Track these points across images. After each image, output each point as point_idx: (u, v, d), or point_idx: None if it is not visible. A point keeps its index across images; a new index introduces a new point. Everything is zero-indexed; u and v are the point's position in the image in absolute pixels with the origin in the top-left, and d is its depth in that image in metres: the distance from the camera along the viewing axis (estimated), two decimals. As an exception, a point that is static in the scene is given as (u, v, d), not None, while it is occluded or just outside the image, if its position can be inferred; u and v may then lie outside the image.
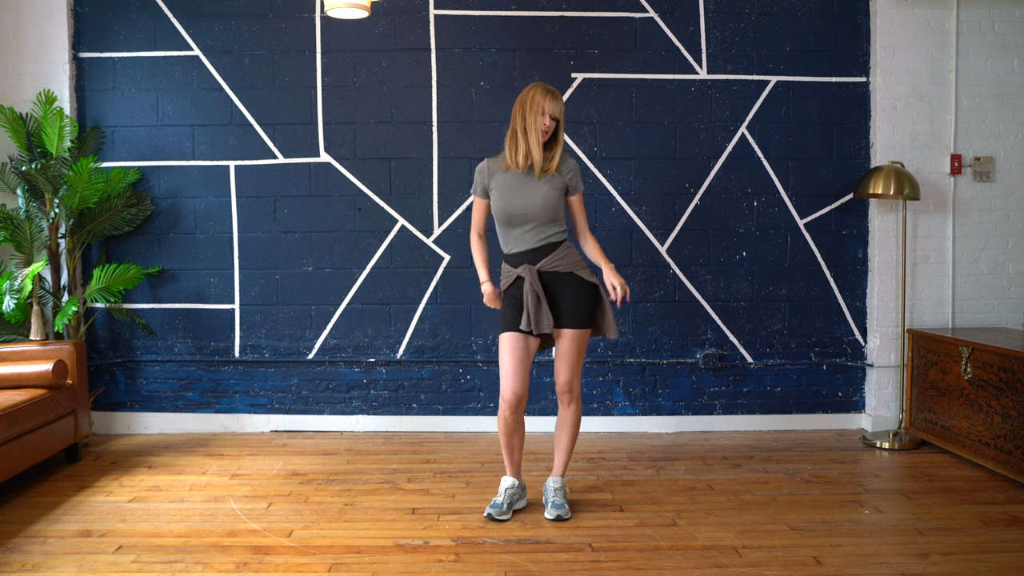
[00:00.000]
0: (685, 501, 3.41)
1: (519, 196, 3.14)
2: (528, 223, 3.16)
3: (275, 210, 4.54)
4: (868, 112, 4.53)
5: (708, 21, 4.50)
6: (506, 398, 3.15)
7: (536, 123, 3.10)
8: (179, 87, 4.49)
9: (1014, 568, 2.74)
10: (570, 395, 3.23)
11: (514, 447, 3.26)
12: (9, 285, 4.06)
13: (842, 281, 4.59)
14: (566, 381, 3.20)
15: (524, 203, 3.14)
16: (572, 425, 3.28)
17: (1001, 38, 4.49)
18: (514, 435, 3.23)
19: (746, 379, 4.60)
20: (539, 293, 3.10)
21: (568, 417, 3.27)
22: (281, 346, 4.57)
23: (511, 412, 3.17)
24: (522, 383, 3.14)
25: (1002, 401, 3.65)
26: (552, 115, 3.11)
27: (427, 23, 4.49)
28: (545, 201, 3.14)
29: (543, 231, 3.17)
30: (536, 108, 3.10)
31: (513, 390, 3.13)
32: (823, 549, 2.90)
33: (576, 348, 3.18)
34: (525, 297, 3.11)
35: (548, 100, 3.11)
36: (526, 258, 3.17)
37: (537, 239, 3.17)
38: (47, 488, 3.61)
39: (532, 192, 3.14)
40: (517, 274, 3.17)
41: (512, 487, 3.27)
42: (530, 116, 3.11)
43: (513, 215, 3.16)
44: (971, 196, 4.53)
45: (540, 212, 3.14)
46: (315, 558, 2.84)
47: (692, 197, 4.54)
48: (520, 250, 3.18)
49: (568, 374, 3.19)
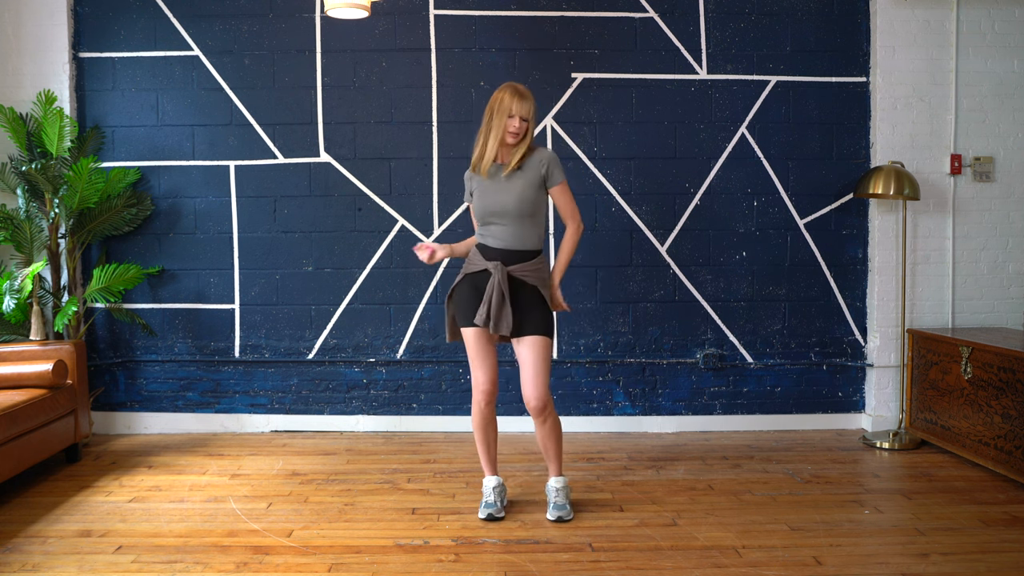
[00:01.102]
0: (685, 501, 3.41)
1: (492, 194, 3.12)
2: (503, 221, 3.12)
3: (275, 210, 4.54)
4: (868, 112, 4.53)
5: (708, 21, 4.50)
6: (484, 390, 3.17)
7: (503, 125, 3.08)
8: (179, 87, 4.49)
9: (1014, 568, 2.74)
10: (543, 412, 3.14)
11: (490, 442, 3.28)
12: (9, 285, 4.06)
13: (842, 281, 4.59)
14: (537, 397, 3.10)
15: (497, 200, 3.11)
16: (553, 437, 3.22)
17: (1001, 38, 4.49)
18: (490, 428, 3.26)
19: (746, 379, 4.60)
20: (505, 293, 3.07)
21: (547, 431, 3.20)
22: (281, 346, 4.57)
23: (487, 403, 3.20)
24: (495, 373, 3.21)
25: (1002, 401, 3.65)
26: (522, 116, 3.07)
27: (427, 23, 4.49)
28: (520, 198, 3.10)
29: (519, 231, 3.13)
30: (504, 111, 3.07)
31: (490, 380, 3.17)
32: (823, 549, 2.90)
33: (541, 357, 3.11)
34: (488, 293, 3.08)
35: (516, 102, 3.07)
36: (498, 255, 3.13)
37: (513, 241, 3.13)
38: (47, 488, 3.61)
39: (507, 190, 3.11)
40: (486, 266, 3.12)
41: (498, 485, 3.27)
42: (496, 118, 3.09)
43: (487, 213, 3.14)
44: (971, 196, 4.53)
45: (515, 209, 3.10)
46: (315, 558, 2.84)
47: (692, 197, 4.54)
48: (492, 246, 3.15)
49: (537, 390, 3.09)
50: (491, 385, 3.18)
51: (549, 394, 3.15)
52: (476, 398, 3.21)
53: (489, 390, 3.18)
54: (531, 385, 3.11)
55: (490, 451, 3.30)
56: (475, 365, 3.19)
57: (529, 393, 3.11)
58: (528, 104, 3.08)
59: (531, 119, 3.10)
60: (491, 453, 3.30)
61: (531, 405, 3.13)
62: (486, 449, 3.29)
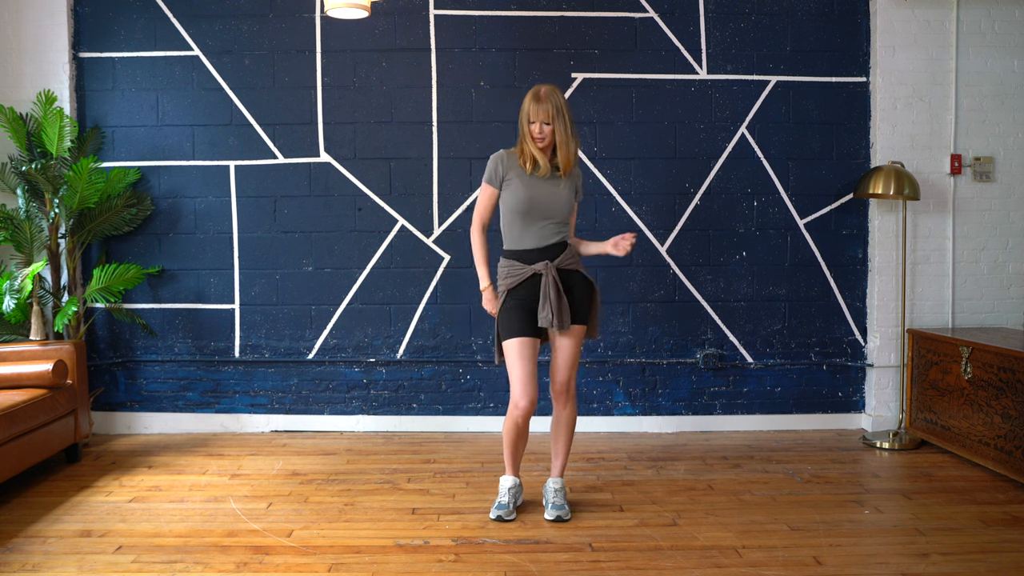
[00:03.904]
0: (685, 501, 3.41)
1: (544, 192, 3.12)
2: (548, 220, 3.14)
3: (275, 210, 4.53)
4: (868, 112, 4.53)
5: (708, 21, 4.50)
6: (521, 406, 3.09)
7: (527, 131, 3.11)
8: (179, 87, 4.49)
9: (1014, 568, 2.74)
10: (567, 395, 3.21)
11: (519, 450, 3.26)
12: (9, 285, 4.06)
13: (842, 281, 4.59)
14: (564, 380, 3.19)
15: (550, 200, 3.12)
16: (568, 426, 3.27)
17: (1001, 38, 4.49)
18: (522, 439, 3.22)
19: (746, 379, 4.60)
20: (560, 289, 3.09)
21: (564, 418, 3.25)
22: (281, 346, 4.57)
23: (524, 419, 3.13)
24: (536, 389, 3.11)
25: (1002, 401, 3.65)
26: (542, 121, 3.07)
27: (427, 23, 4.49)
28: (567, 201, 3.16)
29: (558, 229, 3.17)
30: (524, 117, 3.12)
31: (530, 397, 3.08)
32: (823, 549, 2.90)
33: (578, 346, 3.19)
34: (546, 293, 3.07)
35: (532, 107, 3.08)
36: (542, 255, 3.13)
37: (553, 237, 3.15)
38: (47, 488, 3.61)
39: (556, 191, 3.14)
40: (532, 271, 3.11)
41: (515, 486, 3.27)
42: (523, 125, 3.13)
43: (535, 210, 3.12)
44: (971, 196, 4.53)
45: (562, 211, 3.14)
46: (315, 558, 2.84)
47: (692, 197, 4.54)
48: (535, 247, 3.14)
49: (567, 373, 3.19)
50: (532, 405, 3.11)
51: (575, 378, 3.23)
52: (514, 414, 3.12)
53: (529, 409, 3.10)
54: (563, 369, 3.18)
55: (516, 456, 3.27)
56: (518, 378, 3.08)
57: (562, 376, 3.18)
58: (544, 107, 3.06)
59: (554, 119, 3.07)
60: (517, 458, 3.28)
61: (557, 387, 3.19)
62: (513, 456, 3.26)
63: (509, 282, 3.16)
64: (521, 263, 3.14)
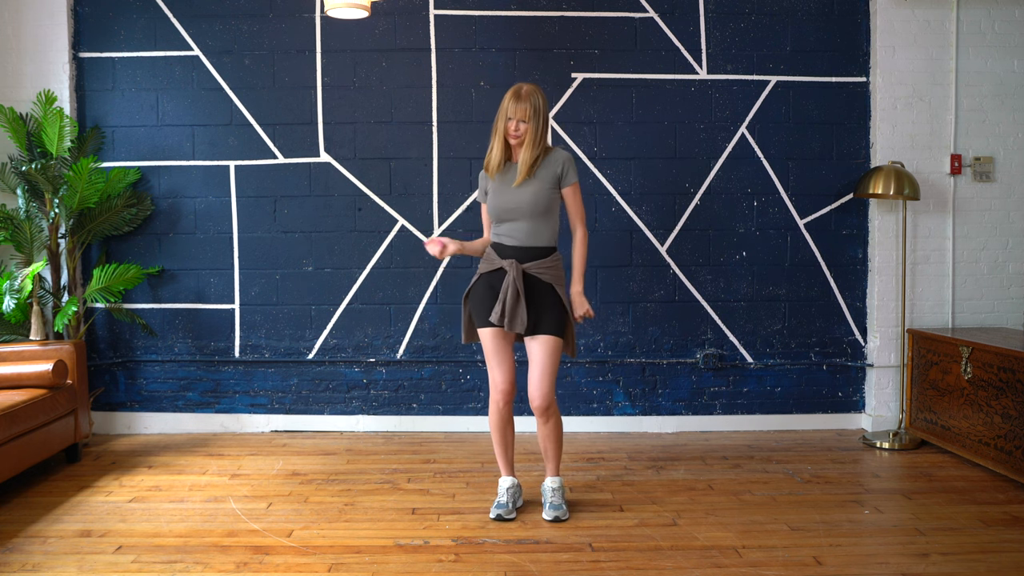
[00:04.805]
0: (685, 501, 3.41)
1: (507, 193, 3.13)
2: (518, 219, 3.13)
3: (275, 210, 4.54)
4: (868, 112, 4.53)
5: (708, 21, 4.50)
6: (502, 389, 3.17)
7: (502, 127, 3.11)
8: (179, 87, 4.49)
9: (1014, 568, 2.74)
10: (547, 411, 3.16)
11: (508, 443, 3.28)
12: (9, 285, 4.06)
13: (842, 281, 4.59)
14: (542, 396, 3.11)
15: (512, 199, 3.12)
16: (554, 438, 3.23)
17: (1001, 38, 4.49)
18: (507, 428, 3.26)
19: (746, 379, 4.60)
20: (520, 291, 3.07)
21: (548, 431, 3.22)
22: (281, 346, 4.57)
23: (506, 403, 3.20)
24: (513, 372, 3.19)
25: (1002, 401, 3.65)
26: (519, 119, 3.06)
27: (427, 23, 4.49)
28: (534, 198, 3.11)
29: (533, 229, 3.13)
30: (502, 114, 3.11)
31: (508, 380, 3.17)
32: (823, 549, 2.90)
33: (551, 357, 3.12)
34: (504, 291, 3.09)
35: (512, 104, 3.07)
36: (513, 253, 3.14)
37: (527, 238, 3.13)
38: (47, 488, 3.62)
39: (521, 190, 3.12)
40: (502, 265, 3.13)
41: (512, 486, 3.27)
42: (499, 121, 3.12)
43: (502, 212, 3.14)
44: (971, 196, 4.53)
45: (530, 208, 3.11)
46: (315, 558, 2.84)
47: (692, 197, 4.54)
48: (508, 244, 3.15)
49: (543, 388, 3.11)
50: (509, 385, 3.18)
51: (554, 394, 3.17)
52: (494, 397, 3.20)
53: (507, 390, 3.18)
54: (537, 384, 3.12)
55: (507, 451, 3.29)
56: (492, 365, 3.19)
57: (535, 392, 3.13)
58: (524, 105, 3.05)
59: (531, 119, 3.07)
60: (508, 454, 3.30)
61: (535, 404, 3.14)
62: (503, 449, 3.29)
63: (483, 267, 3.22)
64: (496, 254, 3.18)
